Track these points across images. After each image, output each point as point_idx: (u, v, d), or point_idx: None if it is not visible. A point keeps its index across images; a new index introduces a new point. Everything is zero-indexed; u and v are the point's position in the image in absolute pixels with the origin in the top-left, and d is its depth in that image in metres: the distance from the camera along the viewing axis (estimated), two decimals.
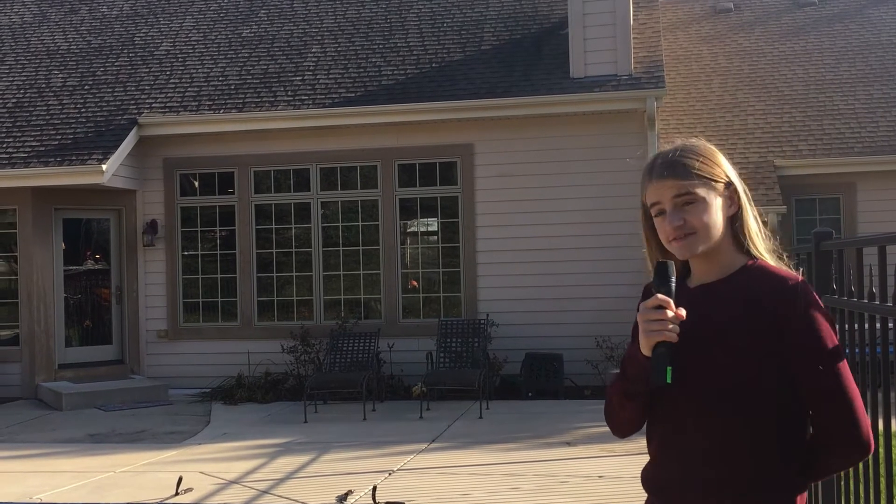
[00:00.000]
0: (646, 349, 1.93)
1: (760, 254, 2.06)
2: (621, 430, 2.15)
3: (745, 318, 1.96)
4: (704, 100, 14.91)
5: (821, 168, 13.19)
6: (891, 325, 2.87)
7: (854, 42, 15.70)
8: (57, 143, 11.60)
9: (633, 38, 11.59)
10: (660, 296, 1.91)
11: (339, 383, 10.36)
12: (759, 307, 1.96)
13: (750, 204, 2.07)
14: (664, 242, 2.04)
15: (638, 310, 2.11)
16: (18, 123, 12.11)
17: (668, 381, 1.88)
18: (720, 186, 2.02)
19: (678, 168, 2.01)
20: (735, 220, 2.05)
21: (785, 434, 1.97)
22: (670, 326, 1.90)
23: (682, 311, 1.92)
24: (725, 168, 2.05)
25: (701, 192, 1.99)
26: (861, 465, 3.22)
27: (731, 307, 1.98)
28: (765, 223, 2.12)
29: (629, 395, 2.03)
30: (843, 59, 15.32)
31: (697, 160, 2.02)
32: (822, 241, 3.54)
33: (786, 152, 13.41)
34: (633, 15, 12.16)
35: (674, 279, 1.95)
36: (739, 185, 2.06)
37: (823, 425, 1.97)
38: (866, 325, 3.08)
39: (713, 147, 2.08)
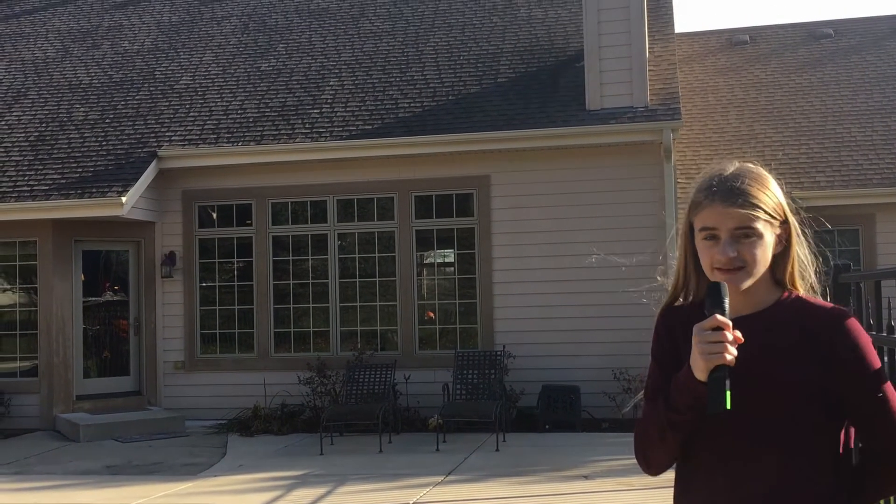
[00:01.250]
0: (702, 373, 1.84)
1: (797, 289, 2.04)
2: (658, 466, 2.03)
3: (794, 348, 1.94)
4: (721, 131, 14.92)
5: (839, 200, 13.13)
6: None
7: (871, 73, 15.69)
8: (78, 175, 11.72)
9: (649, 70, 11.63)
10: (718, 317, 1.83)
11: (355, 415, 10.33)
12: (810, 339, 1.94)
13: (800, 239, 2.03)
14: (706, 268, 1.98)
15: (659, 334, 2.08)
16: (40, 156, 12.26)
17: (728, 406, 1.81)
18: (776, 223, 1.98)
19: (745, 199, 1.94)
20: (780, 257, 2.01)
21: (829, 464, 1.96)
22: (730, 349, 1.82)
23: (739, 334, 1.85)
24: (784, 204, 2.01)
25: (760, 228, 1.94)
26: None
27: (778, 339, 1.95)
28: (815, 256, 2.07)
29: (676, 427, 1.93)
30: (860, 90, 15.30)
31: (763, 193, 1.97)
32: (840, 274, 3.52)
33: (803, 184, 13.37)
34: (649, 47, 12.22)
35: (727, 301, 1.87)
36: (793, 222, 2.02)
37: (878, 449, 1.96)
38: (885, 359, 3.05)
39: (773, 178, 2.03)
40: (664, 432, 1.94)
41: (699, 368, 1.85)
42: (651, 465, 2.03)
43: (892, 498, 3.21)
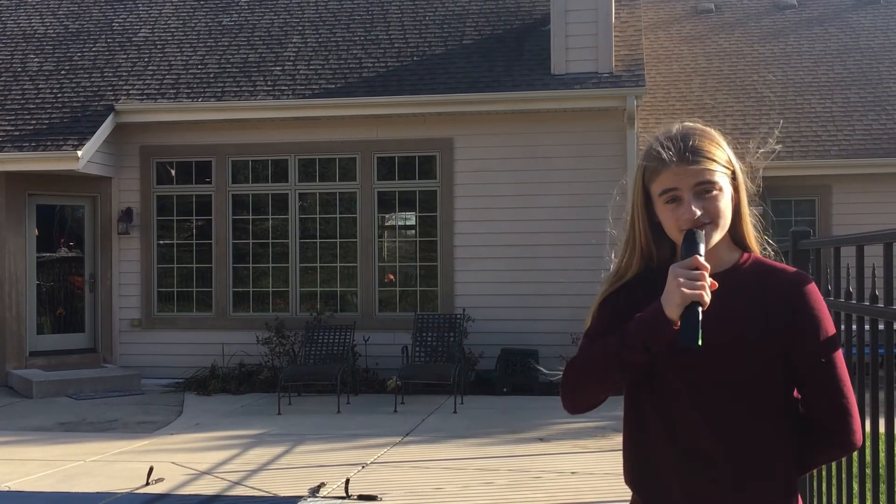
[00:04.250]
0: (677, 309, 1.81)
1: (753, 248, 2.04)
2: (584, 403, 2.00)
3: (758, 309, 1.94)
4: (684, 100, 14.97)
5: (797, 170, 13.27)
6: (867, 324, 2.88)
7: (833, 46, 15.82)
8: (32, 128, 11.45)
9: (615, 36, 11.61)
10: (698, 257, 1.83)
11: (313, 376, 10.32)
12: (772, 299, 1.95)
13: (747, 194, 2.03)
14: (672, 231, 1.96)
15: (614, 298, 2.04)
16: None
17: (700, 343, 1.79)
18: (730, 175, 1.98)
19: (699, 154, 1.93)
20: (735, 212, 2.00)
21: (787, 428, 1.96)
22: (707, 288, 1.81)
23: (715, 281, 1.85)
24: (731, 156, 2.00)
25: (719, 181, 1.94)
26: (834, 465, 3.24)
27: (738, 299, 1.95)
28: (762, 216, 2.08)
29: (626, 362, 1.89)
30: (821, 62, 15.43)
31: (714, 146, 1.96)
32: (799, 241, 3.56)
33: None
34: (615, 13, 12.19)
35: (703, 247, 1.87)
36: (742, 177, 2.01)
37: (820, 418, 1.96)
38: (842, 326, 3.09)
39: (716, 131, 2.02)
40: (608, 369, 1.92)
41: (674, 304, 1.82)
42: (577, 402, 2.00)
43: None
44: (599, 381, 1.96)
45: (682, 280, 1.82)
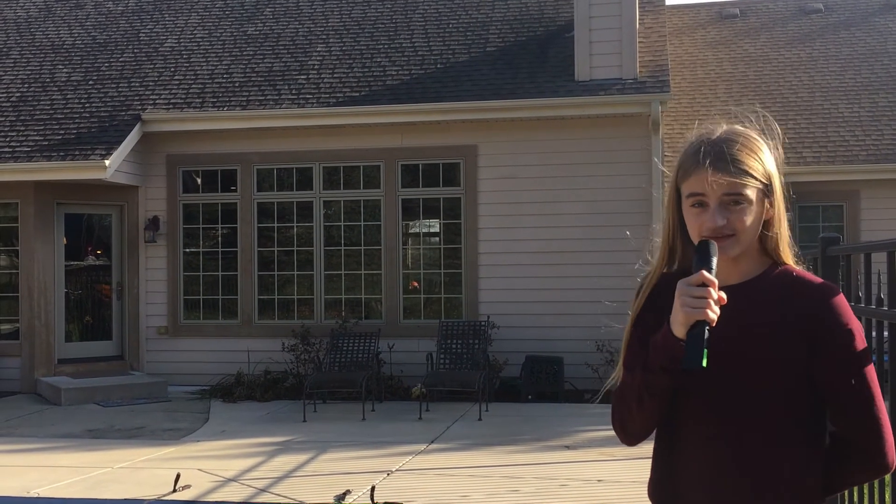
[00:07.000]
0: (682, 328, 1.77)
1: (787, 261, 1.97)
2: (635, 435, 1.97)
3: (780, 323, 1.87)
4: (709, 105, 14.89)
5: (825, 175, 13.16)
6: None
7: (860, 50, 15.68)
8: (60, 137, 11.58)
9: (639, 42, 11.57)
10: (705, 273, 1.76)
11: (338, 383, 10.34)
12: (796, 313, 1.88)
13: (785, 208, 1.97)
14: (694, 235, 1.91)
15: (642, 305, 1.99)
16: (22, 117, 12.10)
17: (704, 364, 1.73)
18: (764, 189, 1.91)
19: (734, 164, 1.86)
20: (768, 225, 1.93)
21: (812, 444, 1.90)
22: (713, 306, 1.75)
23: (724, 295, 1.79)
24: (771, 168, 1.93)
25: (750, 194, 1.87)
26: (876, 488, 3.19)
27: (763, 311, 1.89)
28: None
29: (653, 389, 1.86)
30: (848, 66, 15.29)
31: (752, 158, 1.89)
32: (828, 247, 3.51)
33: (790, 159, 13.37)
34: (639, 19, 12.15)
35: (715, 259, 1.81)
36: (780, 190, 1.94)
37: (850, 437, 1.89)
38: (874, 333, 3.05)
39: (762, 141, 1.95)
40: (642, 397, 1.88)
41: (679, 323, 1.78)
42: (628, 434, 1.97)
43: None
44: (640, 412, 1.91)
45: (685, 298, 1.77)
